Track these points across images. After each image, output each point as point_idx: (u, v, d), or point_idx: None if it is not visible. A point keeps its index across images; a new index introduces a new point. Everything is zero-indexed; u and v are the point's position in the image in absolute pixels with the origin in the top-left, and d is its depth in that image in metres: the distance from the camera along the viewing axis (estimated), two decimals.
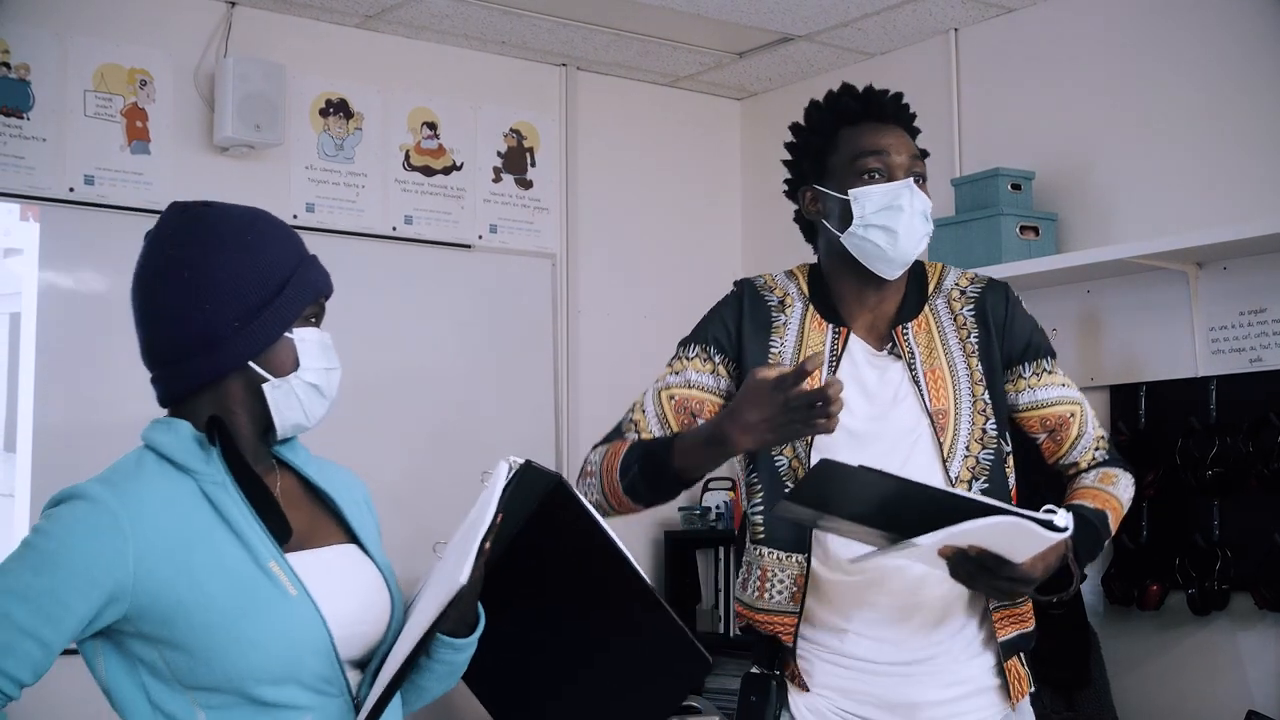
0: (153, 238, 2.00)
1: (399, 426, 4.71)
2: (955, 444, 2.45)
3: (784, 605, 2.43)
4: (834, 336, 2.49)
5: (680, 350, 2.56)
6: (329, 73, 4.86)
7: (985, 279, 2.61)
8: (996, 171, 4.42)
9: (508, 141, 5.21)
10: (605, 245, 5.35)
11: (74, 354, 4.33)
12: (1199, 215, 4.14)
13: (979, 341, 2.52)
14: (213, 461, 1.92)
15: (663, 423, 2.50)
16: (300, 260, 1.99)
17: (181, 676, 1.85)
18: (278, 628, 1.85)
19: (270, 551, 1.89)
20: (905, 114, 2.55)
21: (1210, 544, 4.06)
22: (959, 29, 4.88)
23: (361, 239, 4.85)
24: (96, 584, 1.80)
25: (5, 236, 4.31)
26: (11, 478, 4.22)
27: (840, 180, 2.48)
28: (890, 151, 2.47)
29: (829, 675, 2.42)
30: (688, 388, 2.52)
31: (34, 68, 4.35)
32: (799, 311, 2.53)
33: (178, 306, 1.93)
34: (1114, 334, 4.36)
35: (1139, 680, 4.23)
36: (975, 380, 2.49)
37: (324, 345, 1.99)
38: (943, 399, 2.46)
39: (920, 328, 2.51)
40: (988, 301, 2.56)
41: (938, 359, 2.49)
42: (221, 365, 1.94)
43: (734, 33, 4.97)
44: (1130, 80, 4.41)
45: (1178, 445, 4.10)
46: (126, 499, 1.85)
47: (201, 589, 1.83)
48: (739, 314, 2.54)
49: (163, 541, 1.84)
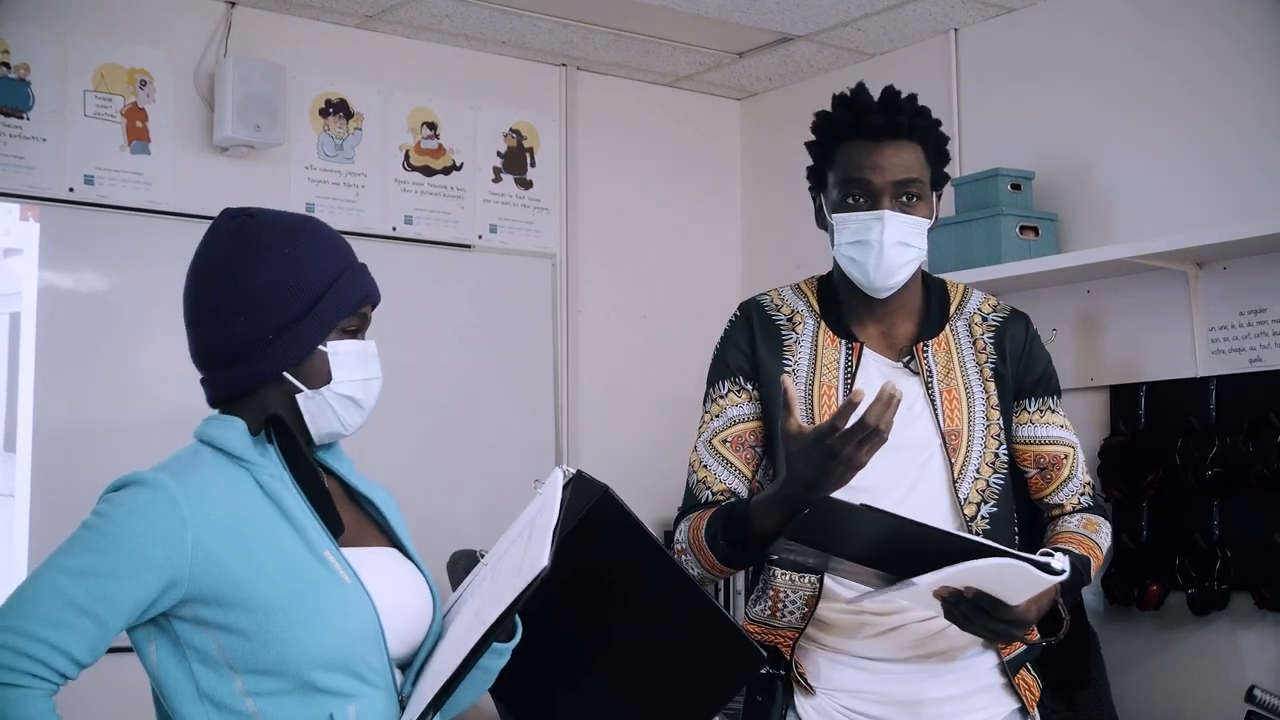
0: (202, 242, 2.07)
1: (399, 426, 4.71)
2: (966, 465, 2.45)
3: (795, 624, 2.43)
4: (847, 353, 2.48)
5: (711, 393, 2.53)
6: (329, 73, 4.86)
7: (1008, 307, 2.61)
8: (996, 171, 4.42)
9: (508, 141, 5.21)
10: (605, 245, 5.35)
11: (74, 354, 4.33)
12: (1199, 215, 4.14)
13: (995, 367, 2.52)
14: (269, 455, 1.98)
15: (728, 467, 2.48)
16: (341, 272, 2.01)
17: (235, 662, 1.88)
18: (333, 612, 1.89)
19: (325, 542, 1.94)
20: (901, 123, 2.45)
21: (1210, 544, 4.06)
22: (959, 29, 4.88)
23: (361, 239, 4.83)
24: (154, 567, 1.85)
25: (5, 236, 4.30)
26: (11, 478, 4.23)
27: (831, 199, 2.48)
28: (873, 176, 2.41)
29: (835, 674, 2.42)
30: (733, 426, 2.49)
31: (34, 68, 4.35)
32: (810, 328, 2.51)
33: (217, 313, 2.00)
34: (1114, 334, 4.36)
35: (1139, 680, 4.23)
36: (991, 405, 2.50)
37: (364, 356, 2.04)
38: (957, 419, 2.46)
39: (940, 347, 2.51)
40: (1009, 330, 2.57)
41: (954, 379, 2.49)
42: (257, 374, 1.99)
43: (734, 33, 4.97)
44: (1130, 80, 4.41)
45: (1177, 445, 4.10)
46: (187, 486, 1.89)
47: (260, 572, 1.88)
48: (750, 336, 2.51)
49: (222, 527, 1.88)
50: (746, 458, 2.48)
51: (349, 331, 2.02)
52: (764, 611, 2.46)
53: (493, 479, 4.98)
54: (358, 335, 2.04)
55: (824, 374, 2.45)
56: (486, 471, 5.00)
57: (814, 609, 2.41)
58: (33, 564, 4.13)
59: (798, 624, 2.42)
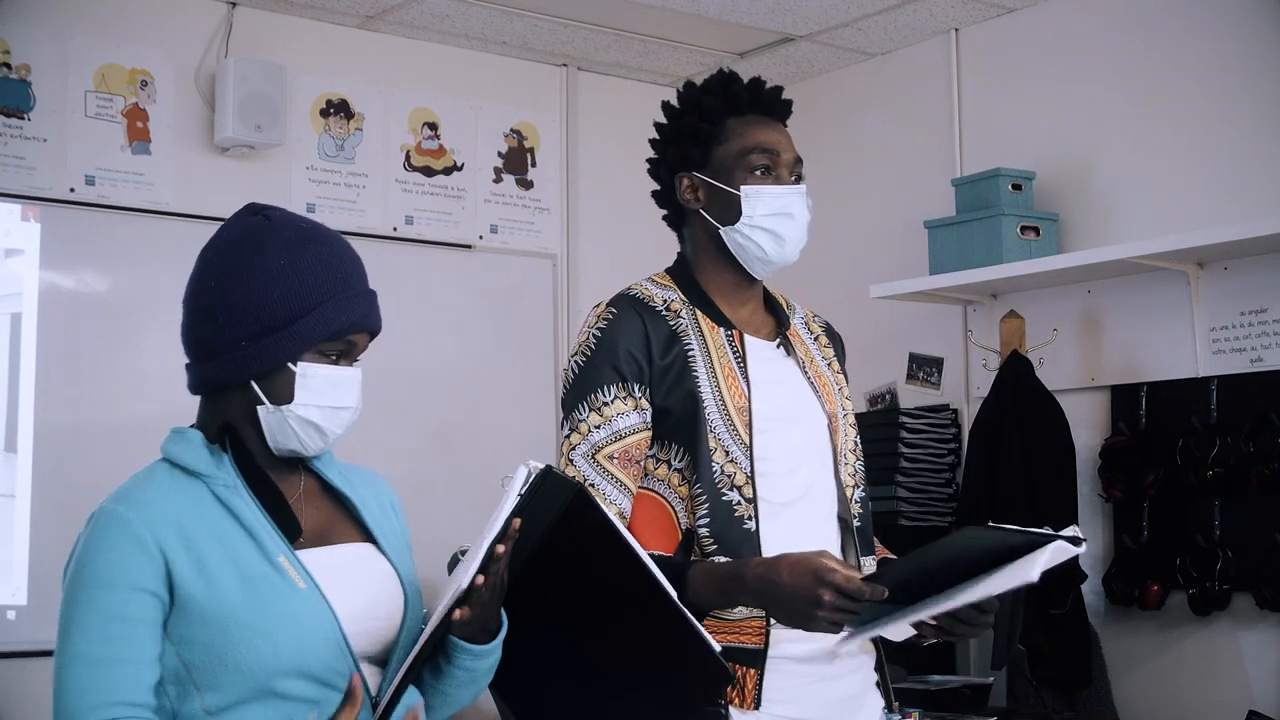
0: (216, 232, 2.06)
1: (400, 427, 4.71)
2: (841, 450, 2.43)
3: (746, 613, 2.27)
4: (728, 339, 2.40)
5: (591, 399, 2.33)
6: (329, 73, 4.86)
7: (823, 319, 2.62)
8: (997, 172, 4.42)
9: (508, 142, 5.21)
10: (606, 245, 5.34)
11: (75, 354, 4.33)
12: (1200, 215, 4.14)
13: (840, 360, 2.56)
14: (224, 465, 1.98)
15: (619, 487, 2.32)
16: (333, 295, 1.98)
17: (198, 678, 1.88)
18: (286, 619, 1.89)
19: (280, 547, 1.93)
20: (788, 111, 2.49)
21: (1211, 544, 4.06)
22: (959, 29, 4.88)
23: (362, 239, 4.80)
24: (140, 589, 1.87)
25: (6, 237, 4.30)
26: (13, 478, 4.22)
27: (728, 173, 2.41)
28: (780, 150, 2.41)
29: (774, 682, 2.30)
30: (620, 439, 2.32)
31: (35, 68, 4.35)
32: (688, 318, 2.40)
33: (202, 307, 2.01)
34: (1115, 334, 4.36)
35: (1140, 680, 4.23)
36: (845, 395, 2.51)
37: (337, 384, 1.99)
38: (832, 403, 2.45)
39: (795, 337, 2.50)
40: (835, 339, 2.60)
41: (817, 367, 2.48)
42: (224, 376, 1.99)
43: (735, 33, 4.97)
44: (1131, 80, 4.41)
45: (1178, 445, 4.10)
46: (135, 505, 1.91)
47: (214, 583, 1.88)
48: (643, 334, 2.35)
49: (176, 540, 1.89)
50: (634, 474, 2.33)
51: (328, 356, 1.99)
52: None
53: (493, 479, 4.94)
54: (338, 361, 2.00)
55: (719, 358, 2.37)
56: (487, 471, 4.97)
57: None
58: (33, 566, 4.14)
59: (751, 613, 2.27)
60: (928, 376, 4.85)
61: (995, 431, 4.28)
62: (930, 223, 4.58)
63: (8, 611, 4.16)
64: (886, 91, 5.09)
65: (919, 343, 4.88)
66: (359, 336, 2.03)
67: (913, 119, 4.99)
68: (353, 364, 2.04)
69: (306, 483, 2.06)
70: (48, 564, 4.03)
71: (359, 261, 2.06)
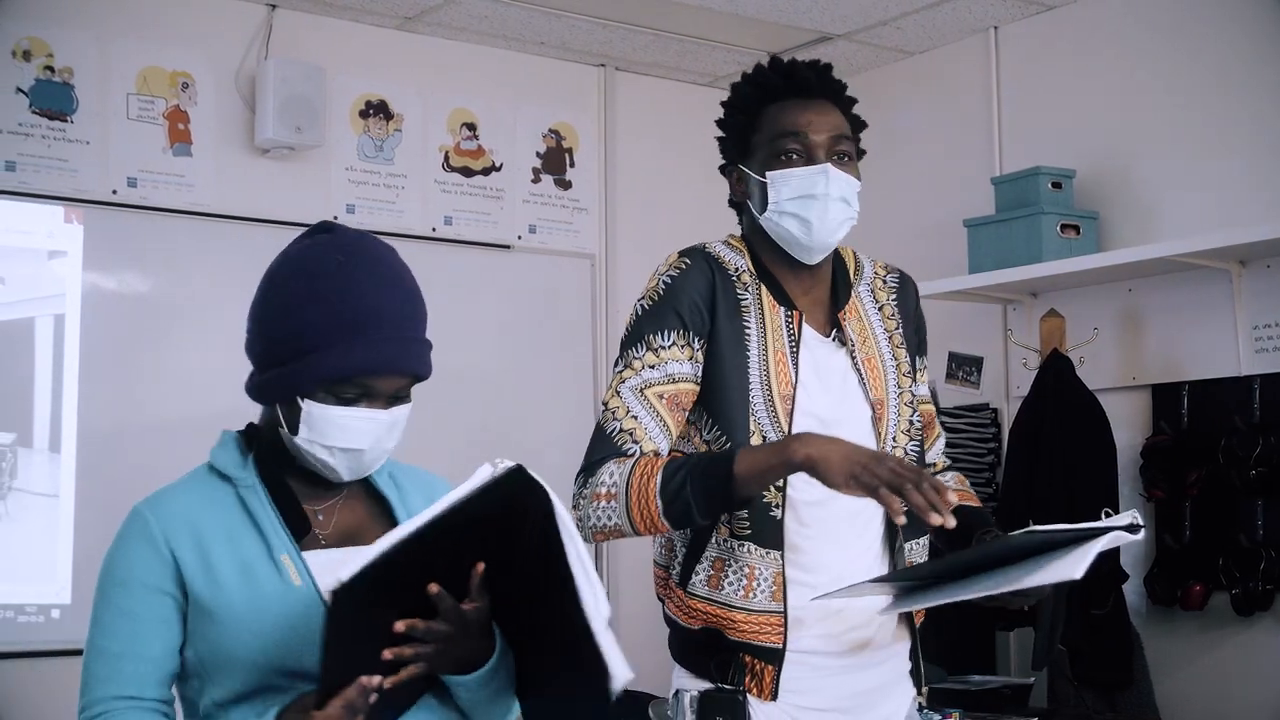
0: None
1: (438, 427, 4.71)
2: (888, 436, 2.38)
3: (766, 605, 2.28)
4: (787, 321, 2.37)
5: (650, 339, 2.32)
6: (369, 74, 4.88)
7: (896, 269, 2.56)
8: (1037, 170, 4.40)
9: (547, 142, 5.22)
10: (644, 245, 5.33)
11: (117, 355, 4.36)
12: (1242, 213, 4.11)
13: (903, 332, 2.48)
14: (248, 467, 2.02)
15: (661, 426, 2.30)
16: (347, 335, 1.91)
17: (206, 670, 1.93)
18: (277, 616, 1.91)
19: (284, 545, 1.97)
20: (831, 86, 2.42)
21: (1254, 544, 4.03)
22: (999, 27, 4.86)
23: (401, 240, 4.83)
24: (151, 588, 1.94)
25: (49, 239, 4.34)
26: (56, 478, 4.26)
27: (761, 161, 2.38)
28: (809, 131, 2.35)
29: (788, 673, 2.30)
30: (673, 383, 2.31)
31: (77, 71, 4.39)
32: (754, 291, 2.37)
33: (248, 318, 2.02)
34: (1156, 333, 4.33)
35: (1182, 681, 4.20)
36: (902, 372, 2.44)
37: (342, 426, 1.94)
38: (879, 389, 2.40)
39: (852, 314, 2.44)
40: (905, 291, 2.53)
41: (870, 347, 2.42)
42: (254, 389, 2.03)
43: (772, 32, 4.96)
44: (1171, 77, 4.38)
45: (1221, 445, 4.07)
46: (156, 506, 1.98)
47: (217, 580, 1.93)
48: (710, 289, 2.34)
49: (187, 539, 1.95)
50: (678, 420, 2.31)
51: (342, 397, 1.93)
52: (736, 592, 2.29)
53: None
54: (357, 402, 1.94)
55: (774, 341, 2.34)
56: None
57: (784, 585, 2.28)
58: (77, 565, 4.18)
59: (769, 604, 2.27)
60: (967, 376, 4.83)
61: (1035, 431, 4.26)
62: (970, 221, 4.57)
63: (52, 610, 4.19)
64: (925, 90, 5.08)
65: (958, 342, 4.86)
66: (383, 381, 1.96)
67: (952, 117, 4.98)
68: (387, 406, 1.98)
69: (353, 483, 2.07)
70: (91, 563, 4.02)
71: (400, 301, 1.98)
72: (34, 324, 4.30)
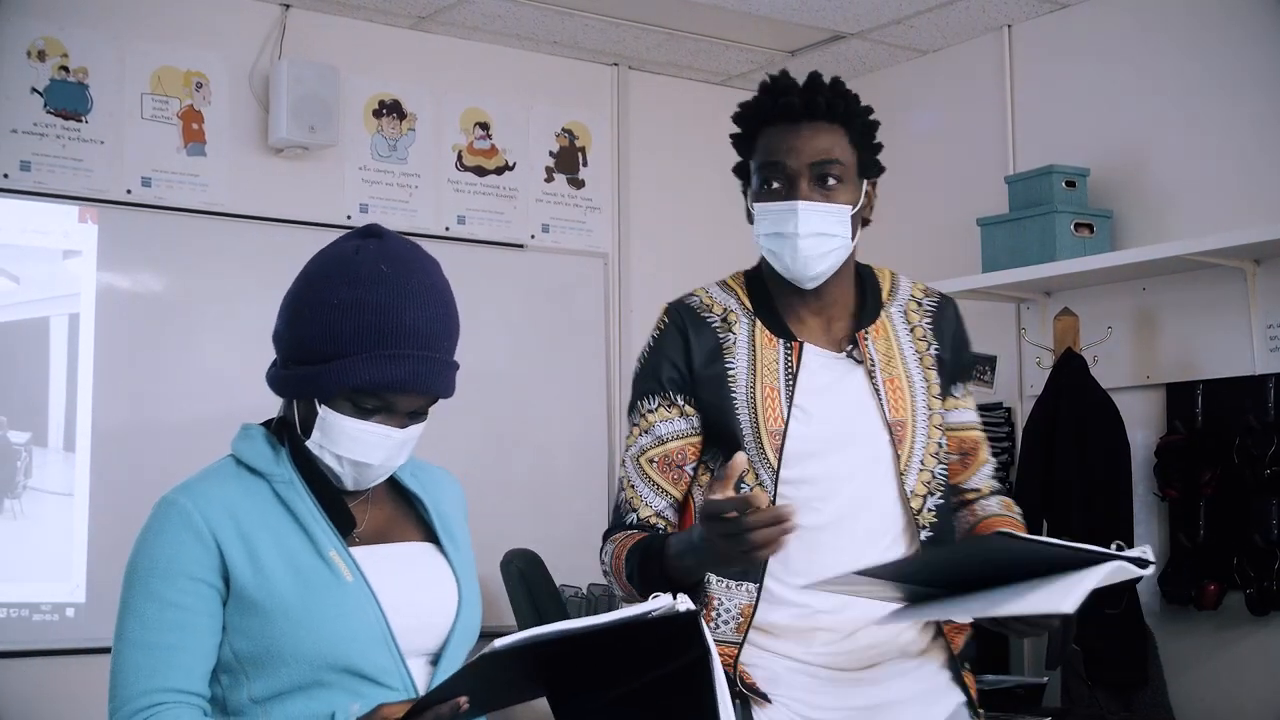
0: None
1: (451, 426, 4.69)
2: (912, 457, 2.35)
3: (728, 635, 2.28)
4: (786, 352, 2.35)
5: (639, 407, 2.41)
6: (382, 74, 4.88)
7: (937, 292, 2.54)
8: (1051, 168, 4.39)
9: (560, 141, 5.23)
10: (657, 244, 5.35)
11: (132, 355, 4.38)
12: (1256, 212, 4.10)
13: (936, 354, 2.46)
14: (282, 462, 1.99)
15: (656, 490, 2.37)
16: (370, 347, 1.91)
17: (246, 665, 1.91)
18: (332, 612, 1.90)
19: (332, 541, 1.95)
20: (818, 104, 2.34)
21: (1269, 543, 4.02)
22: (1012, 25, 4.85)
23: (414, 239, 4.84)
24: (197, 579, 1.90)
25: (64, 238, 4.36)
26: (71, 477, 4.27)
27: (754, 188, 2.38)
28: (787, 159, 2.31)
29: (791, 680, 2.30)
30: (662, 444, 2.38)
31: (92, 71, 4.40)
32: (745, 328, 2.38)
33: (279, 313, 2.01)
34: (1170, 331, 4.33)
35: (1196, 681, 4.19)
36: (932, 394, 2.41)
37: (355, 438, 1.94)
38: (901, 409, 2.37)
39: (879, 334, 2.42)
40: (944, 315, 2.51)
41: (896, 367, 2.40)
42: (275, 383, 2.02)
43: (786, 31, 4.96)
44: (1185, 75, 4.37)
45: (1235, 444, 4.06)
46: (195, 496, 1.94)
47: (265, 574, 1.91)
48: (684, 346, 2.37)
49: (231, 531, 1.92)
50: (674, 479, 2.37)
51: (361, 408, 1.94)
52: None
53: (545, 479, 5.00)
54: (373, 415, 1.94)
55: (764, 376, 2.34)
56: (539, 471, 5.01)
57: (750, 618, 2.28)
58: (91, 564, 4.18)
59: (733, 636, 2.29)
60: (981, 375, 4.82)
61: (1049, 430, 4.26)
62: (983, 220, 4.56)
63: (66, 609, 4.20)
64: (938, 89, 5.07)
65: (972, 341, 4.83)
66: (405, 398, 1.95)
67: (965, 116, 4.97)
68: (404, 423, 1.97)
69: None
70: (105, 562, 4.07)
71: (437, 321, 1.99)
72: (49, 323, 4.32)
